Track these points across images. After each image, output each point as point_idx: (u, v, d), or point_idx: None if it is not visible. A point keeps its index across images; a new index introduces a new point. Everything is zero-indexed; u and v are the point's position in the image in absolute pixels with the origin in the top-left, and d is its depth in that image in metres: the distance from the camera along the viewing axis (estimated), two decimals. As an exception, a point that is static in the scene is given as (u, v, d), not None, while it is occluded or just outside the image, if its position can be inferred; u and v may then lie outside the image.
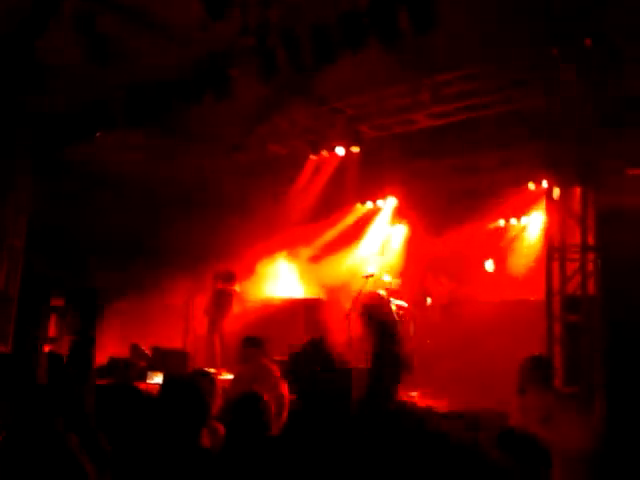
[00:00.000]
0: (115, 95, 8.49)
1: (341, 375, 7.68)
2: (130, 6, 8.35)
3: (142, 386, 6.15)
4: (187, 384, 3.24)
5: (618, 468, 3.74)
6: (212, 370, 9.17)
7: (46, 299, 10.46)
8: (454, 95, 9.13)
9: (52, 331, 10.50)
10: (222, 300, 9.98)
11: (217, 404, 4.21)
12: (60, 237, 10.25)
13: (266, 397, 3.62)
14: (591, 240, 6.01)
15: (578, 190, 6.24)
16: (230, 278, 10.00)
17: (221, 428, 4.07)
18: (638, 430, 4.94)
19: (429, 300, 11.20)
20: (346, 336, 9.96)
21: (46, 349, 9.02)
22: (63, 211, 10.17)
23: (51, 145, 9.45)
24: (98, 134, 9.13)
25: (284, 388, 5.94)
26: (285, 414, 5.58)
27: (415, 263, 11.72)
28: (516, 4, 7.86)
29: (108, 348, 9.61)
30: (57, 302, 10.50)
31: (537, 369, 4.62)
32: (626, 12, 6.41)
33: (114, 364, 8.67)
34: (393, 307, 9.26)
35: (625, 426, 5.11)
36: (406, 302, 11.11)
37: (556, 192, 6.29)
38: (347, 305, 10.10)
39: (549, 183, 6.41)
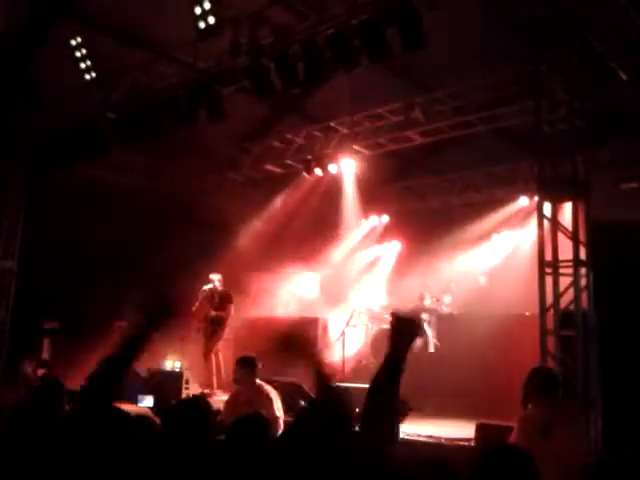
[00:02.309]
0: (107, 116, 8.51)
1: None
2: (123, 27, 8.48)
3: (132, 408, 6.04)
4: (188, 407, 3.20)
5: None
6: (206, 391, 9.15)
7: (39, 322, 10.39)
8: (446, 113, 9.20)
9: (46, 354, 10.42)
10: (216, 323, 9.93)
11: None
12: (53, 258, 10.22)
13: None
14: (583, 254, 6.02)
15: (569, 205, 6.26)
16: (223, 303, 9.95)
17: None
18: (635, 442, 4.91)
19: (425, 316, 11.18)
20: (341, 355, 9.95)
21: (39, 372, 8.92)
22: (55, 231, 10.15)
23: (43, 165, 9.46)
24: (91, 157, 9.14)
25: (278, 409, 5.90)
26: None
27: (408, 279, 11.72)
28: (503, 23, 7.99)
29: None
30: (51, 324, 10.43)
31: (540, 382, 4.58)
32: (611, 27, 6.49)
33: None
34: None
35: (622, 439, 5.08)
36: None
37: (547, 207, 6.31)
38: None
39: (540, 198, 6.43)
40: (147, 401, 7.58)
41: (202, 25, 6.97)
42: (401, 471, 2.31)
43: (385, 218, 13.01)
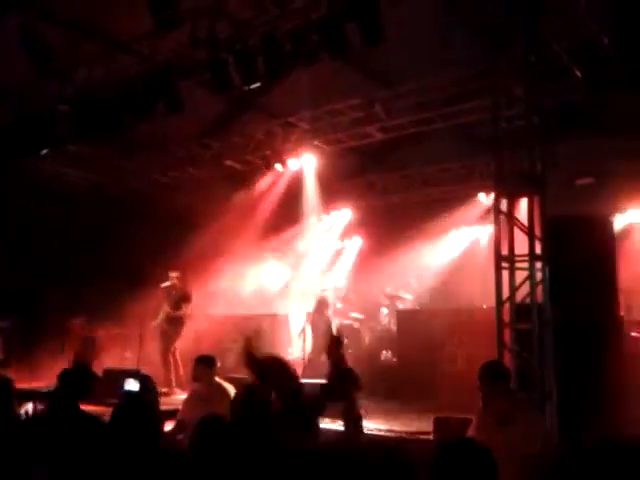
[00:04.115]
0: (61, 110, 8.29)
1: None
2: (78, 19, 8.27)
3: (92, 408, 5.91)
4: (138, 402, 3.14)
5: (570, 471, 3.78)
6: (164, 390, 9.03)
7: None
8: (406, 109, 9.27)
9: (-1, 353, 10.14)
10: (174, 321, 9.82)
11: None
12: (7, 255, 9.94)
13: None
14: (539, 249, 6.13)
15: (525, 200, 6.37)
16: (181, 301, 9.83)
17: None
18: (588, 433, 5.03)
19: (385, 310, 11.26)
20: (302, 352, 9.94)
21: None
22: (10, 227, 9.88)
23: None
24: (45, 151, 8.91)
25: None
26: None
27: (370, 274, 11.79)
28: (463, 21, 8.08)
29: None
30: (3, 323, 10.14)
31: (491, 375, 4.64)
32: (566, 26, 6.62)
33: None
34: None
35: (577, 429, 5.20)
36: (361, 314, 11.17)
37: (503, 203, 6.40)
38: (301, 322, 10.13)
39: (496, 194, 6.52)
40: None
41: (160, 17, 6.83)
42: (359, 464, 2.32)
43: (346, 214, 13.06)
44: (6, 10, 7.81)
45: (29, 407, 5.97)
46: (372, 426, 6.88)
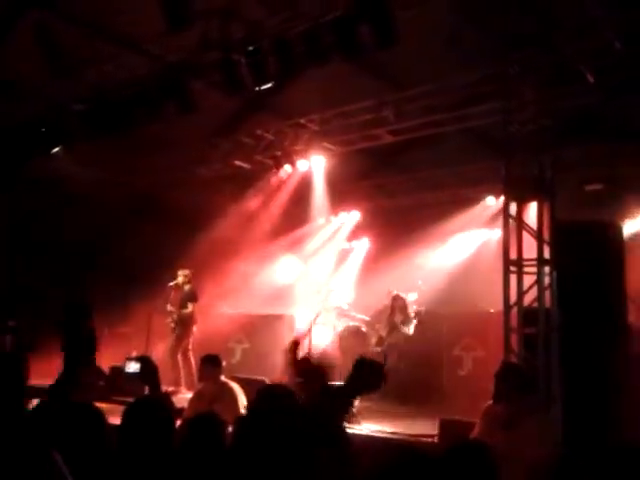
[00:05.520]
0: (73, 108, 8.35)
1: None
2: (90, 17, 8.32)
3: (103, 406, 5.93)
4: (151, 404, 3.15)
5: (575, 477, 3.77)
6: (171, 389, 9.07)
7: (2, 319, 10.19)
8: (416, 112, 9.25)
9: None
10: (182, 321, 9.86)
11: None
12: (14, 255, 10.01)
13: (226, 416, 3.53)
14: (547, 254, 6.12)
15: (534, 204, 6.37)
16: (187, 300, 9.87)
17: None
18: (595, 439, 5.02)
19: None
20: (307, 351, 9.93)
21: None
22: (16, 227, 9.94)
23: (6, 161, 9.24)
24: (55, 149, 8.97)
25: (243, 406, 5.86)
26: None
27: (378, 277, 11.77)
28: (473, 21, 8.06)
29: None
30: (12, 322, 10.22)
31: (518, 380, 4.65)
32: (578, 30, 6.60)
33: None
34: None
35: (582, 434, 5.19)
36: (369, 317, 11.15)
37: (513, 206, 6.41)
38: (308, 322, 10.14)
39: (506, 198, 6.52)
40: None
41: (172, 17, 6.86)
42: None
43: (354, 215, 13.05)
44: (23, 8, 7.88)
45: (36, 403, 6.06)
46: (375, 428, 6.88)
